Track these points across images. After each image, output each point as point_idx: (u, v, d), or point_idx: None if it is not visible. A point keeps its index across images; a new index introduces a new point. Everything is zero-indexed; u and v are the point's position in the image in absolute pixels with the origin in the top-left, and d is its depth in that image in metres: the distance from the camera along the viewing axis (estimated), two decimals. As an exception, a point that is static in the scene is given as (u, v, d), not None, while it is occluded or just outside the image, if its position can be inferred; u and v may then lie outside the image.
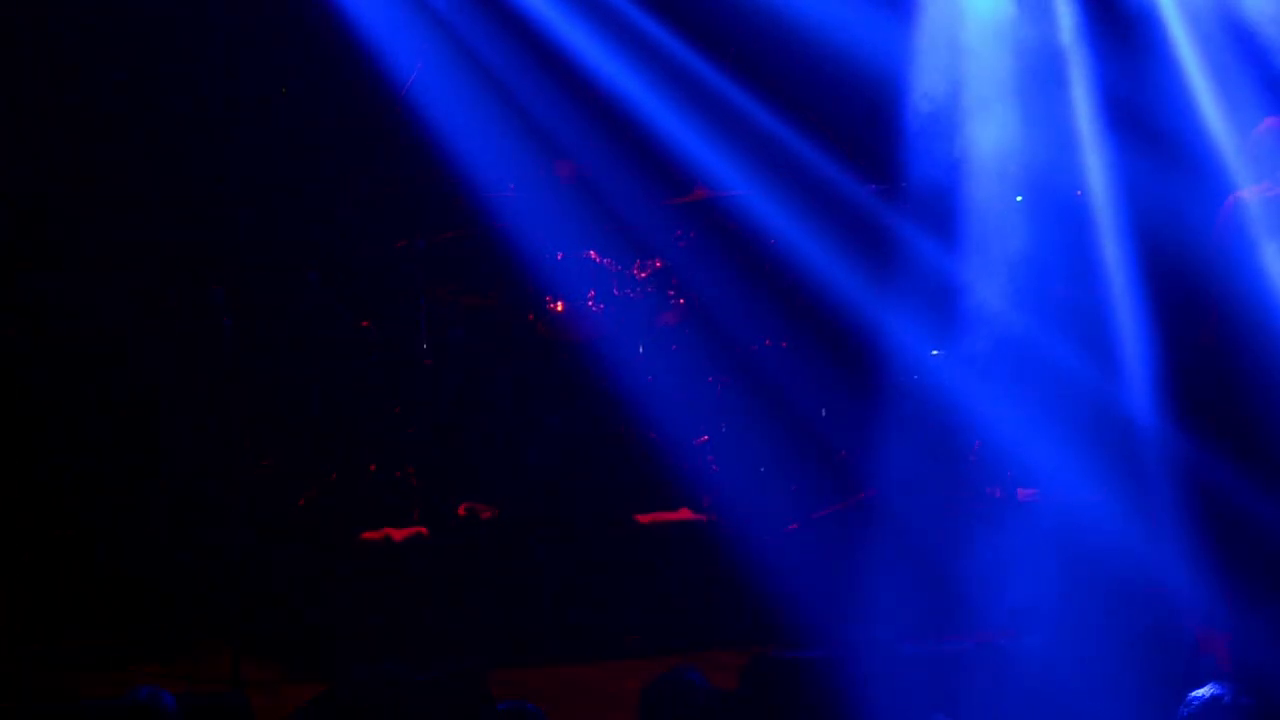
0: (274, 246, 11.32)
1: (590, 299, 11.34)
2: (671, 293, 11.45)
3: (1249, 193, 9.64)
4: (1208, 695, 6.01)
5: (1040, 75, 10.54)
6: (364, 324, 11.24)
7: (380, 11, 11.05)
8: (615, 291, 11.38)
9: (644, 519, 10.69)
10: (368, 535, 10.34)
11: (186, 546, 10.26)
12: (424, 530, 10.42)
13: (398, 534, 10.33)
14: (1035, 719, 7.16)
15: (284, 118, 11.36)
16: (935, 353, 10.71)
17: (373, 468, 10.93)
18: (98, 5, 10.95)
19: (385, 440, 11.04)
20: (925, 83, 10.58)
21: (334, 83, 11.37)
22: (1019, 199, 10.57)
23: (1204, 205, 9.93)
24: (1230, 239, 9.60)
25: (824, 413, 11.03)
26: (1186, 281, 9.90)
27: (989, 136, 10.49)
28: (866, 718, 6.37)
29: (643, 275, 11.45)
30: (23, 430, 10.50)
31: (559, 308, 11.32)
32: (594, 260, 11.38)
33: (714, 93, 11.17)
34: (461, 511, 10.62)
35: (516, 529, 10.57)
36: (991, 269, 10.46)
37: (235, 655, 9.25)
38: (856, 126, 11.05)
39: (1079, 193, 10.52)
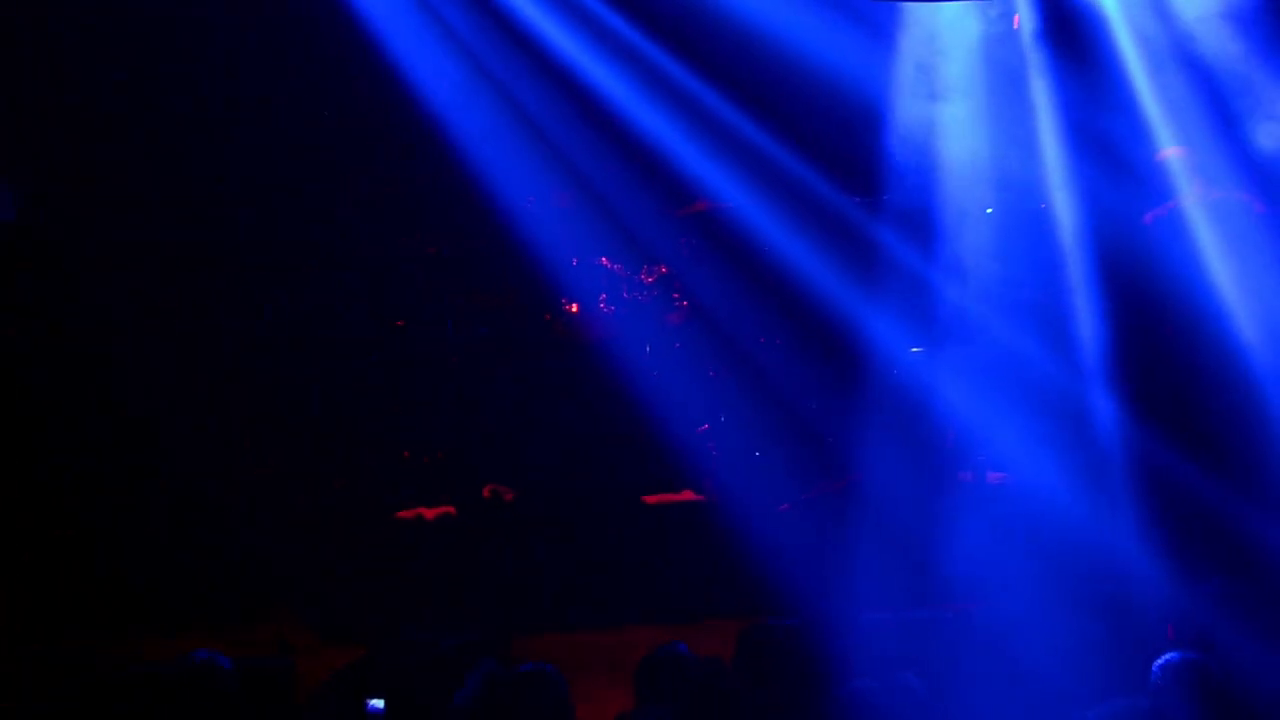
0: (300, 247, 11.42)
1: (602, 301, 11.63)
2: (676, 295, 11.71)
3: (1183, 199, 10.13)
4: (1177, 659, 6.19)
5: (1008, 97, 10.83)
6: (399, 323, 11.53)
7: (396, 21, 11.01)
8: (625, 294, 11.70)
9: (651, 500, 11.05)
10: (402, 514, 10.74)
11: (187, 545, 10.37)
12: (452, 510, 10.80)
13: (429, 513, 10.73)
14: (999, 679, 7.44)
15: (285, 118, 11.22)
16: (914, 350, 11.00)
17: (406, 454, 11.26)
18: (98, 5, 10.77)
19: (417, 429, 11.30)
20: (904, 105, 10.91)
21: (335, 83, 11.31)
22: (989, 210, 10.86)
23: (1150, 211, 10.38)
24: (1165, 240, 10.02)
25: (813, 404, 11.26)
26: (1138, 283, 10.24)
27: (962, 154, 10.81)
28: (846, 677, 6.59)
29: (650, 280, 11.74)
30: (23, 430, 10.49)
31: (574, 309, 11.60)
32: (605, 266, 11.66)
33: (713, 115, 11.36)
34: (486, 493, 10.98)
35: (536, 508, 10.94)
36: (964, 274, 10.80)
37: (281, 623, 9.75)
38: (842, 145, 11.26)
39: (1043, 205, 10.81)
